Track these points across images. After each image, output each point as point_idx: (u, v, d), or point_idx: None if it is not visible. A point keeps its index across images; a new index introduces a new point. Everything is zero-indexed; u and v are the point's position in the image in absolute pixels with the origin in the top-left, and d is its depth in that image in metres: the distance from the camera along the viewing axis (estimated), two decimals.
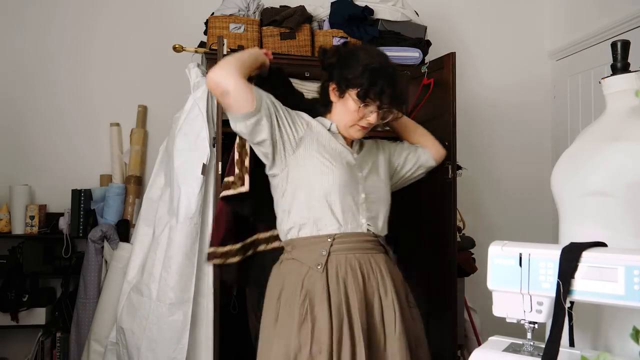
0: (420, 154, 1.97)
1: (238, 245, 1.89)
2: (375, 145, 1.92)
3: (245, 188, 1.79)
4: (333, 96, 1.74)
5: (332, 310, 1.54)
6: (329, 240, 1.61)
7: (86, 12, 3.03)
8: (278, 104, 1.70)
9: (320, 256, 1.60)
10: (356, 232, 1.64)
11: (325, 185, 1.63)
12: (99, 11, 3.04)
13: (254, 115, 1.60)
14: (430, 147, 1.99)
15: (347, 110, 1.70)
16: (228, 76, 1.58)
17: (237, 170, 1.82)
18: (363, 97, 1.64)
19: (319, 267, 1.59)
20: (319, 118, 1.80)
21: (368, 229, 1.67)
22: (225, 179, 1.86)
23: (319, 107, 1.82)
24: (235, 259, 1.88)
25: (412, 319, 1.68)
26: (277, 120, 1.66)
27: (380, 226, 1.72)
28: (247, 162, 1.81)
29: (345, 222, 1.63)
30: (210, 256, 1.91)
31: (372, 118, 1.69)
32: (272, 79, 1.87)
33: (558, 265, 1.08)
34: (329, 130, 1.76)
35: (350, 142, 1.81)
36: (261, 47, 2.58)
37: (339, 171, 1.66)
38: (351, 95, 1.67)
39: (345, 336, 1.51)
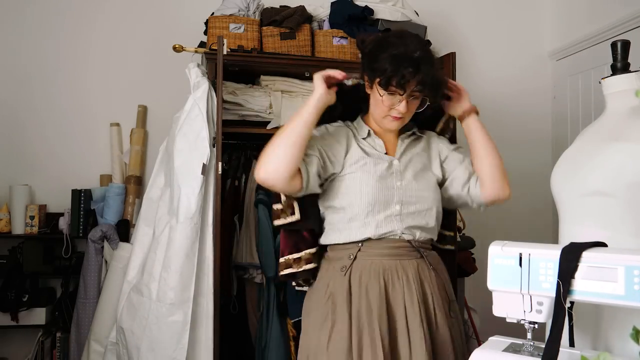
0: (471, 186, 1.69)
1: (313, 250, 1.70)
2: (435, 144, 1.76)
3: (296, 217, 1.67)
4: (367, 88, 1.66)
5: (352, 313, 1.54)
6: (358, 245, 1.61)
7: (86, 12, 3.03)
8: (323, 149, 1.62)
9: (346, 260, 1.60)
10: (389, 237, 1.60)
11: (355, 208, 1.60)
12: (99, 11, 3.04)
13: (304, 191, 1.59)
14: (488, 183, 1.64)
15: (377, 100, 1.61)
16: (274, 181, 1.53)
17: (283, 197, 1.69)
18: (385, 86, 1.55)
19: (342, 270, 1.59)
20: (359, 122, 1.73)
21: (401, 237, 1.60)
22: (274, 207, 1.72)
23: (363, 104, 1.73)
24: (311, 266, 1.69)
25: (445, 327, 1.58)
26: (323, 174, 1.62)
27: (419, 235, 1.62)
28: None
29: (376, 232, 1.59)
30: (282, 266, 1.72)
31: (401, 107, 1.56)
32: (350, 96, 1.74)
33: (558, 265, 1.08)
34: (366, 137, 1.68)
35: (396, 136, 1.70)
36: (261, 47, 2.58)
37: (370, 189, 1.59)
38: (376, 84, 1.58)
39: (366, 341, 1.50)
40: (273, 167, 1.51)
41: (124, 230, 2.77)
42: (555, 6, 3.37)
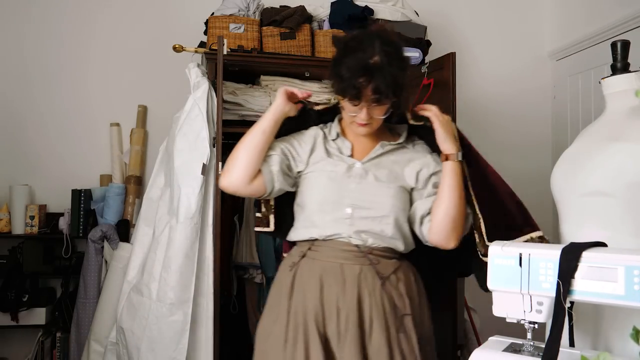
0: (425, 221, 1.60)
1: None
2: (422, 158, 1.65)
3: (270, 229, 1.75)
4: None
5: (290, 311, 1.54)
6: (309, 244, 1.60)
7: (86, 12, 3.03)
8: (287, 149, 1.65)
9: (297, 257, 1.61)
10: (336, 240, 1.57)
11: (308, 206, 1.61)
12: (99, 11, 3.04)
13: (269, 194, 1.64)
14: (434, 229, 1.56)
15: (343, 107, 1.58)
16: (234, 188, 1.61)
17: (263, 208, 1.76)
18: (342, 94, 1.52)
19: (290, 267, 1.61)
20: (334, 123, 1.70)
21: (349, 240, 1.56)
22: (256, 214, 1.81)
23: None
24: None
25: (381, 339, 1.49)
26: (289, 171, 1.64)
27: (371, 241, 1.56)
28: (272, 200, 1.74)
29: (322, 233, 1.58)
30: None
31: (362, 115, 1.52)
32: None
33: (558, 265, 1.08)
34: (335, 138, 1.67)
35: (374, 140, 1.64)
36: (261, 47, 2.58)
37: (321, 189, 1.59)
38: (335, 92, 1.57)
39: (299, 340, 1.49)
40: (231, 175, 1.59)
41: (124, 230, 2.77)
42: (555, 6, 3.37)
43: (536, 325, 1.15)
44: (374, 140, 1.65)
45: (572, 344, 1.22)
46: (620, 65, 1.40)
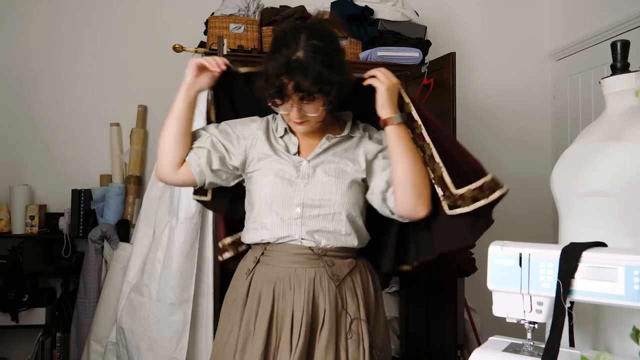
0: (388, 196, 1.51)
1: (228, 240, 1.73)
2: (364, 144, 1.57)
3: (207, 197, 1.68)
4: None
5: (243, 319, 1.50)
6: (262, 248, 1.54)
7: (87, 13, 3.04)
8: (218, 140, 1.56)
9: (251, 263, 1.55)
10: (288, 243, 1.49)
11: (255, 207, 1.53)
12: (100, 12, 3.05)
13: (202, 184, 1.57)
14: (399, 199, 1.47)
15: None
16: (163, 177, 1.58)
17: None
18: (264, 94, 1.45)
19: (246, 273, 1.55)
20: (282, 118, 1.58)
21: (302, 243, 1.49)
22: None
23: None
24: (228, 254, 1.73)
25: (329, 344, 1.44)
26: (223, 166, 1.56)
27: (324, 242, 1.49)
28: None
29: (273, 235, 1.50)
30: (219, 251, 1.77)
31: (293, 113, 1.44)
32: (237, 84, 1.65)
33: (558, 265, 1.08)
34: (283, 135, 1.57)
35: (319, 135, 1.54)
36: (261, 47, 2.58)
37: (268, 189, 1.51)
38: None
39: (248, 349, 1.45)
40: (157, 166, 1.57)
41: (124, 230, 2.77)
42: (555, 6, 3.37)
43: (536, 325, 1.15)
44: (320, 134, 1.55)
45: (572, 344, 1.22)
46: (620, 65, 1.40)
